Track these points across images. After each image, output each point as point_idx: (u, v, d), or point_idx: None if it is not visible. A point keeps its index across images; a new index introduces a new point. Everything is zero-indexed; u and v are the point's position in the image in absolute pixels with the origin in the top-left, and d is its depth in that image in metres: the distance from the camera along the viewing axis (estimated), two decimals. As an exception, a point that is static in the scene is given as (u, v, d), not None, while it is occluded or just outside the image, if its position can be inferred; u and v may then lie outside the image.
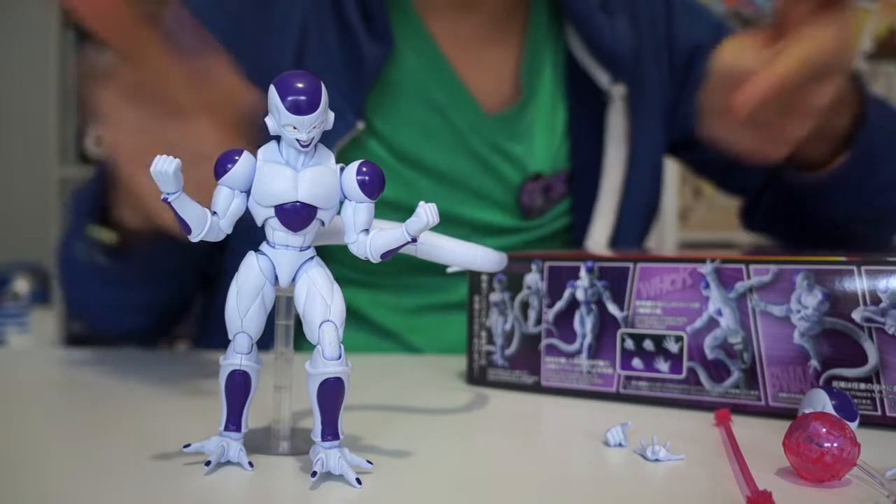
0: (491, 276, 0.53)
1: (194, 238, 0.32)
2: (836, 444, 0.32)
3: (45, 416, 0.44)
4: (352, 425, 0.38)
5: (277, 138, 0.33)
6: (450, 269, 0.42)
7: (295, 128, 0.31)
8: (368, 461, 0.33)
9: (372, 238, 0.33)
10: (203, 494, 0.31)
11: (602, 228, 0.74)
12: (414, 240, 0.33)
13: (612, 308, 0.48)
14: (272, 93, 0.31)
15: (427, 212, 0.32)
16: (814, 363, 0.43)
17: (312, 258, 0.34)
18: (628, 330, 0.48)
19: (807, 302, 0.43)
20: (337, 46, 0.67)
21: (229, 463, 0.34)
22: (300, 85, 0.31)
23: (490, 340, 0.53)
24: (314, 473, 0.32)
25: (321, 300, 0.33)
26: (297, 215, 0.32)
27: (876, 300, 0.42)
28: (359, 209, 0.33)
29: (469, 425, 0.44)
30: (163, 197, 0.31)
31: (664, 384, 0.47)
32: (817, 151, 0.65)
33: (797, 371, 0.43)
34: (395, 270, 0.71)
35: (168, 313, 0.71)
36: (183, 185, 0.31)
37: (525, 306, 0.51)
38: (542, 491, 0.32)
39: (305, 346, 0.36)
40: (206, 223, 0.32)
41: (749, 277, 0.44)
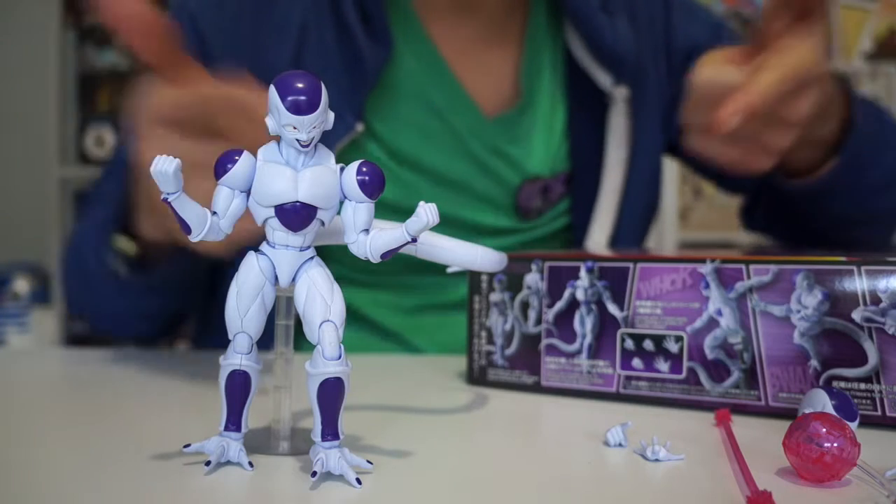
0: (491, 276, 0.53)
1: (194, 238, 0.32)
2: (836, 444, 0.32)
3: (45, 415, 0.44)
4: (352, 425, 0.38)
5: (277, 138, 0.33)
6: (450, 269, 0.42)
7: (295, 128, 0.31)
8: (368, 461, 0.33)
9: (372, 238, 0.33)
10: (203, 494, 0.31)
11: (602, 229, 0.74)
12: (414, 240, 0.33)
13: (612, 308, 0.48)
14: (272, 93, 0.31)
15: (427, 212, 0.32)
16: (814, 363, 0.43)
17: (312, 258, 0.34)
18: (628, 330, 0.48)
19: (807, 302, 0.43)
20: (336, 48, 0.67)
21: (229, 463, 0.34)
22: (300, 85, 0.31)
23: (490, 340, 0.53)
24: (314, 473, 0.32)
25: (321, 300, 0.33)
26: (297, 215, 0.32)
27: (876, 300, 0.42)
28: (359, 209, 0.33)
29: (469, 425, 0.44)
30: (163, 197, 0.31)
31: (664, 384, 0.47)
32: (806, 158, 0.65)
33: (797, 371, 0.43)
34: (394, 270, 0.71)
35: (177, 319, 0.71)
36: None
37: (525, 306, 0.51)
38: (542, 491, 0.32)
39: (305, 346, 0.36)
40: (206, 223, 0.32)
41: (749, 277, 0.44)
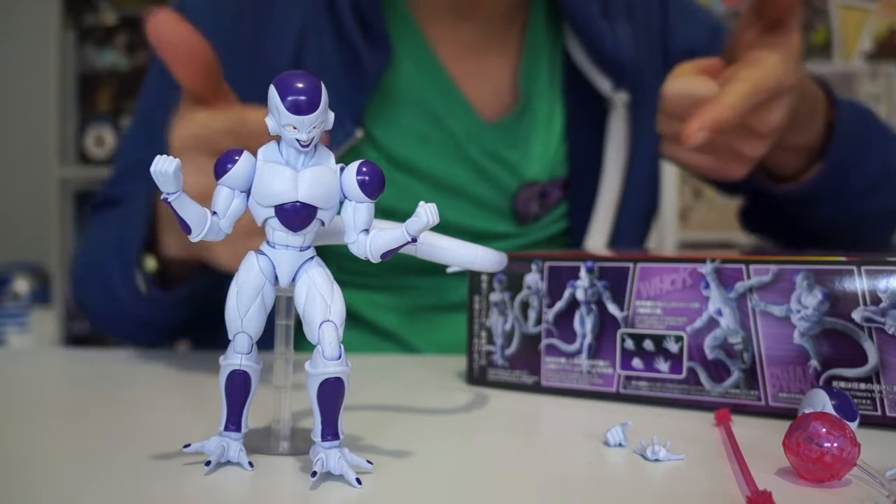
0: (491, 276, 0.53)
1: (194, 238, 0.32)
2: (836, 444, 0.32)
3: (45, 415, 0.44)
4: (352, 425, 0.38)
5: (277, 138, 0.33)
6: (450, 270, 0.42)
7: (295, 128, 0.31)
8: (368, 461, 0.33)
9: (372, 238, 0.33)
10: (203, 494, 0.31)
11: (599, 233, 0.74)
12: (414, 240, 0.33)
13: (612, 308, 0.48)
14: (272, 93, 0.31)
15: (427, 212, 0.32)
16: (814, 363, 0.43)
17: (312, 258, 0.34)
18: (628, 330, 0.48)
19: (807, 302, 0.43)
20: (335, 53, 0.67)
21: (229, 463, 0.34)
22: (300, 85, 0.31)
23: (490, 340, 0.53)
24: (314, 473, 0.32)
25: (321, 300, 0.33)
26: (297, 215, 0.32)
27: (876, 300, 0.42)
28: (359, 209, 0.33)
29: (469, 425, 0.44)
30: (163, 197, 0.31)
31: (664, 384, 0.47)
32: (791, 163, 0.65)
33: (797, 371, 0.43)
34: (392, 271, 0.71)
35: (190, 329, 0.71)
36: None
37: (525, 306, 0.51)
38: (542, 491, 0.32)
39: (305, 346, 0.36)
40: (206, 223, 0.32)
41: (749, 277, 0.44)
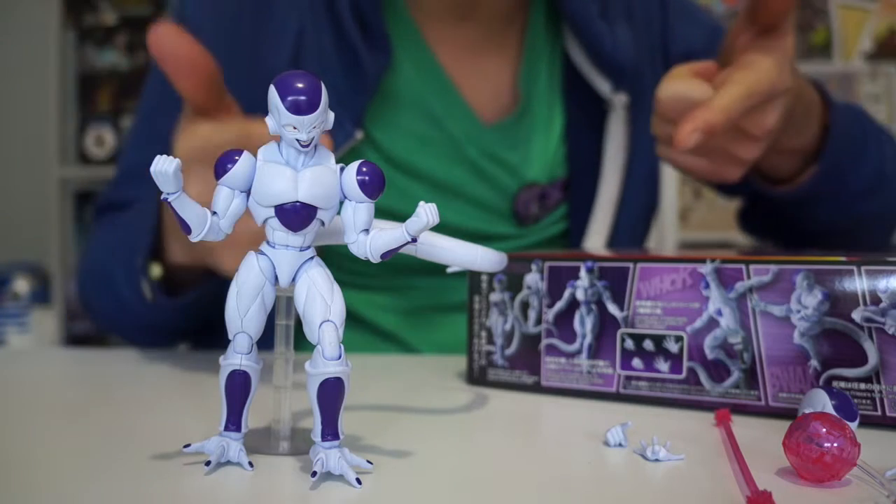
0: (491, 276, 0.53)
1: (194, 238, 0.32)
2: (836, 444, 0.32)
3: (45, 415, 0.44)
4: (352, 425, 0.38)
5: (278, 138, 0.33)
6: (450, 270, 0.42)
7: (295, 128, 0.31)
8: (368, 461, 0.33)
9: (372, 238, 0.33)
10: (203, 494, 0.31)
11: (599, 235, 0.74)
12: (414, 240, 0.33)
13: (612, 308, 0.48)
14: (272, 93, 0.31)
15: (427, 212, 0.32)
16: (814, 363, 0.43)
17: (312, 258, 0.34)
18: (628, 330, 0.48)
19: (807, 302, 0.43)
20: (335, 54, 0.67)
21: (229, 463, 0.34)
22: (300, 85, 0.31)
23: (490, 340, 0.53)
24: (314, 473, 0.32)
25: (321, 300, 0.33)
26: (297, 215, 0.32)
27: (876, 300, 0.42)
28: (359, 209, 0.33)
29: (469, 425, 0.44)
30: (163, 197, 0.31)
31: (664, 384, 0.47)
32: (787, 166, 0.66)
33: (797, 371, 0.43)
34: (392, 272, 0.71)
35: (196, 332, 0.71)
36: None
37: (525, 306, 0.51)
38: (542, 491, 0.32)
39: (305, 346, 0.36)
40: (206, 223, 0.32)
41: (749, 277, 0.44)
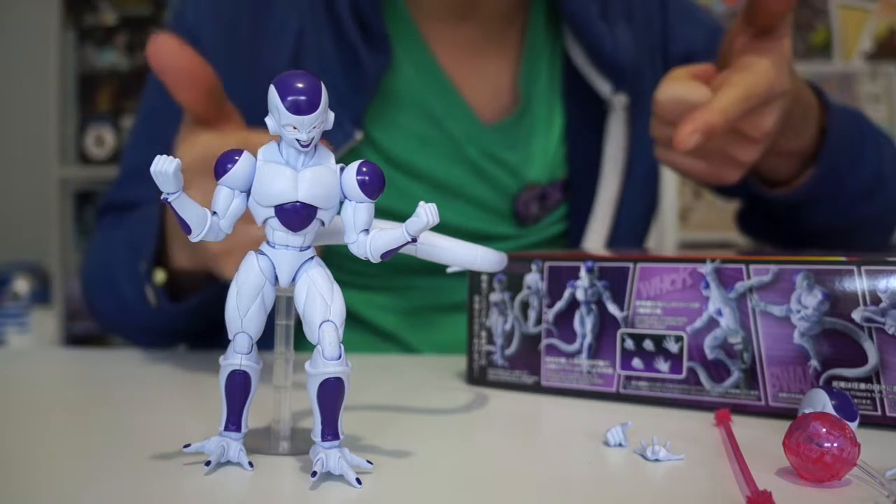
0: (491, 276, 0.53)
1: (194, 238, 0.32)
2: (836, 444, 0.32)
3: (44, 415, 0.44)
4: (352, 425, 0.38)
5: (278, 138, 0.33)
6: (450, 270, 0.42)
7: (295, 128, 0.31)
8: (368, 461, 0.33)
9: (372, 238, 0.33)
10: (203, 494, 0.31)
11: (598, 235, 0.74)
12: (414, 240, 0.33)
13: (612, 308, 0.48)
14: (272, 93, 0.31)
15: (427, 212, 0.32)
16: (814, 363, 0.43)
17: (312, 258, 0.34)
18: (628, 330, 0.48)
19: (807, 302, 0.43)
20: (335, 55, 0.67)
21: (229, 463, 0.34)
22: (300, 85, 0.31)
23: (490, 340, 0.53)
24: (314, 473, 0.32)
25: (321, 300, 0.33)
26: (297, 215, 0.32)
27: (876, 300, 0.42)
28: (359, 209, 0.33)
29: (469, 425, 0.44)
30: (163, 197, 0.31)
31: (664, 384, 0.47)
32: (785, 168, 0.65)
33: (797, 371, 0.43)
34: (392, 272, 0.71)
35: (200, 333, 0.72)
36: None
37: (525, 306, 0.51)
38: (542, 491, 0.32)
39: (305, 346, 0.36)
40: (206, 223, 0.32)
41: (749, 277, 0.44)
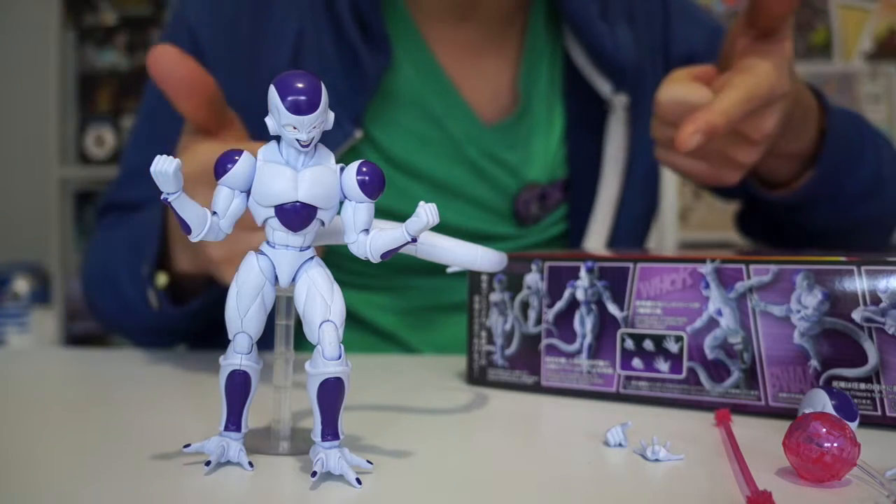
0: (491, 276, 0.53)
1: (194, 238, 0.32)
2: (836, 444, 0.32)
3: (44, 415, 0.44)
4: (352, 425, 0.38)
5: (277, 138, 0.33)
6: (450, 270, 0.42)
7: (295, 128, 0.31)
8: (368, 461, 0.33)
9: (372, 238, 0.33)
10: (203, 494, 0.31)
11: (599, 236, 0.74)
12: (414, 240, 0.33)
13: (612, 308, 0.48)
14: (272, 93, 0.31)
15: (427, 212, 0.32)
16: (814, 363, 0.43)
17: (312, 258, 0.34)
18: (628, 330, 0.48)
19: (807, 302, 0.43)
20: (335, 54, 0.67)
21: (229, 463, 0.34)
22: (300, 85, 0.31)
23: (490, 340, 0.53)
24: (314, 473, 0.32)
25: (321, 300, 0.33)
26: (297, 215, 0.32)
27: (876, 300, 0.42)
28: (359, 209, 0.33)
29: (469, 425, 0.44)
30: (163, 197, 0.31)
31: (664, 384, 0.47)
32: (784, 170, 0.65)
33: (797, 371, 0.43)
34: (392, 272, 0.71)
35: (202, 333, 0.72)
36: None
37: (525, 306, 0.51)
38: (542, 491, 0.32)
39: (305, 346, 0.36)
40: (206, 223, 0.32)
41: (749, 277, 0.44)
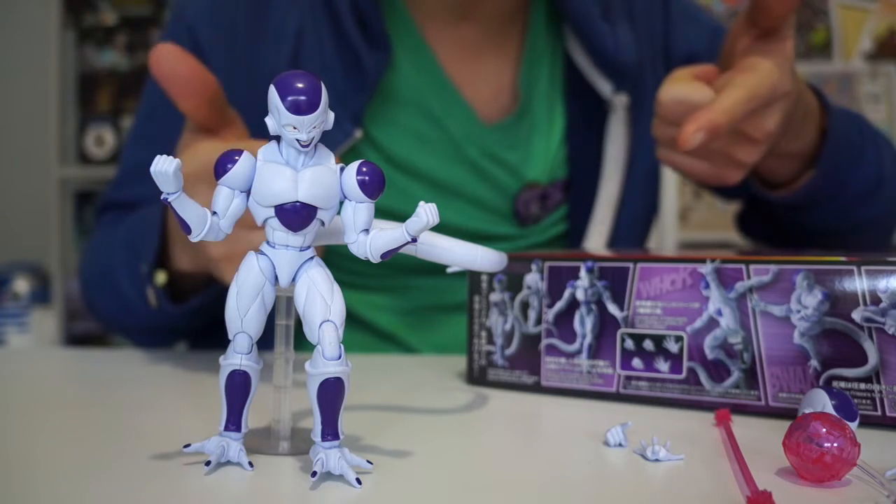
0: (491, 276, 0.53)
1: (194, 238, 0.32)
2: (836, 444, 0.32)
3: (44, 415, 0.44)
4: (352, 425, 0.38)
5: (278, 138, 0.33)
6: (450, 270, 0.42)
7: (295, 128, 0.31)
8: (368, 461, 0.33)
9: (372, 238, 0.33)
10: (203, 494, 0.31)
11: (599, 236, 0.74)
12: (414, 240, 0.33)
13: (612, 308, 0.48)
14: (272, 93, 0.31)
15: (427, 212, 0.32)
16: (814, 363, 0.43)
17: (312, 258, 0.34)
18: (628, 330, 0.48)
19: (807, 302, 0.43)
20: (335, 54, 0.67)
21: (229, 463, 0.34)
22: (300, 85, 0.31)
23: (490, 340, 0.53)
24: (314, 473, 0.32)
25: (321, 300, 0.33)
26: (297, 215, 0.32)
27: (876, 300, 0.42)
28: (359, 209, 0.33)
29: (469, 425, 0.44)
30: (163, 197, 0.31)
31: (664, 384, 0.47)
32: (785, 170, 0.65)
33: (797, 371, 0.43)
34: (391, 272, 0.71)
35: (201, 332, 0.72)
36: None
37: (525, 306, 0.51)
38: (543, 491, 0.32)
39: (305, 346, 0.36)
40: (206, 223, 0.32)
41: (749, 277, 0.44)
